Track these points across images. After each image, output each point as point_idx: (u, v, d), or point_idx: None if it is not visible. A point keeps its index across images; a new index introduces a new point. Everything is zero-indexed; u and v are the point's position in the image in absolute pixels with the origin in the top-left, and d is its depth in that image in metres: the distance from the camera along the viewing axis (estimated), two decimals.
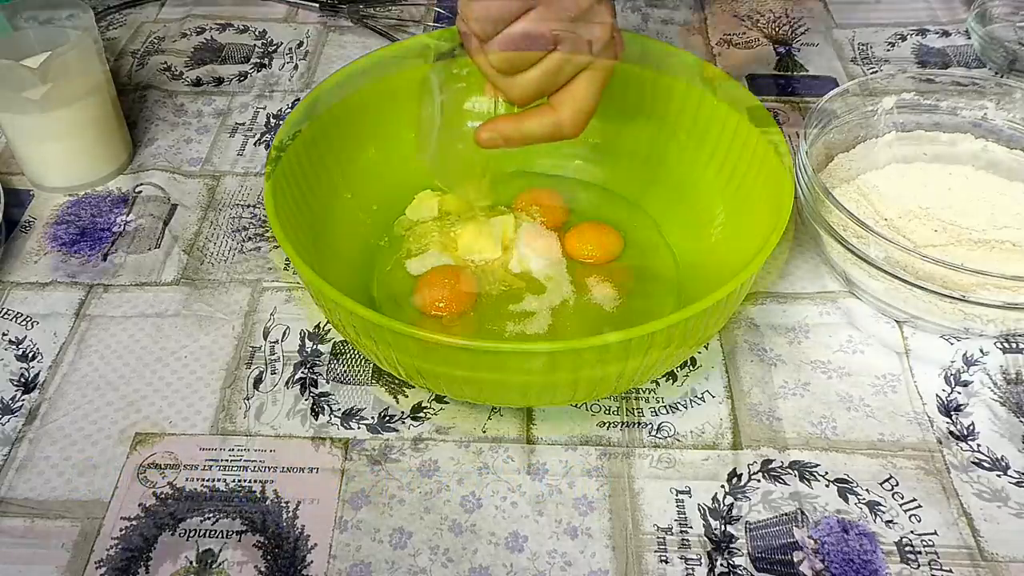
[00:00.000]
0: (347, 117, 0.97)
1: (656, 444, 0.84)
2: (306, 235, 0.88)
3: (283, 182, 0.87)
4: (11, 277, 1.00)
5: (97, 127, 1.07)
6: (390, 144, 1.02)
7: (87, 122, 1.06)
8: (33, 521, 0.79)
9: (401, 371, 0.80)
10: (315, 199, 0.93)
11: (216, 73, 1.29)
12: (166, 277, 0.99)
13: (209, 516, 0.79)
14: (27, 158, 1.08)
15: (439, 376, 0.79)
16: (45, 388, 0.89)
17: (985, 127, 1.03)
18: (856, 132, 1.03)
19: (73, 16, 1.05)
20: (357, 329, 0.77)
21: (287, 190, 0.87)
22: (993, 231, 0.92)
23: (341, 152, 0.98)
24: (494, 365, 0.76)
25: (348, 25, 1.37)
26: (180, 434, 0.85)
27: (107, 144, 1.10)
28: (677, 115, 0.99)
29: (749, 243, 0.83)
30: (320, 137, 0.94)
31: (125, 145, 1.13)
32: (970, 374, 0.89)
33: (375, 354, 0.80)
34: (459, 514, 0.79)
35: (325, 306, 0.81)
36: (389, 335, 0.74)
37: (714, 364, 0.90)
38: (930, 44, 1.31)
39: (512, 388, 0.80)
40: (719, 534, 0.77)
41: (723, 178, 0.96)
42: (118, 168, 1.12)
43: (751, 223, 0.88)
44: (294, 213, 0.87)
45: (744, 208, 0.92)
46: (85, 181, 1.10)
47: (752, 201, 0.90)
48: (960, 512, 0.79)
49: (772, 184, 0.86)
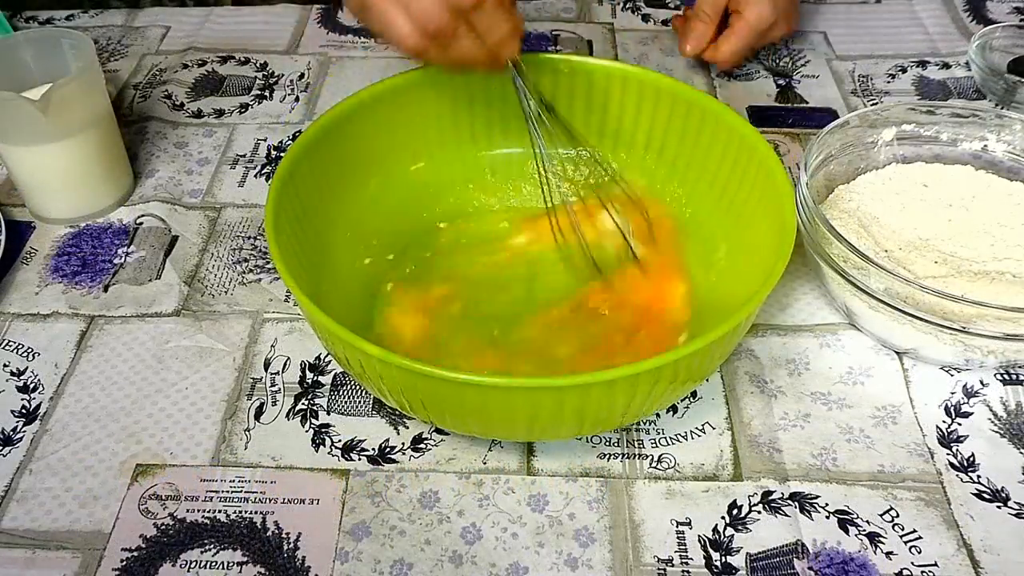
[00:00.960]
0: (349, 148, 0.97)
1: (657, 476, 0.84)
2: (307, 268, 0.88)
3: (284, 214, 0.86)
4: (12, 308, 1.00)
5: (99, 159, 1.07)
6: (393, 177, 1.02)
7: (89, 154, 1.06)
8: (34, 552, 0.79)
9: (404, 403, 0.80)
10: (315, 231, 0.93)
11: (217, 105, 1.29)
12: (167, 308, 1.00)
13: (210, 547, 0.79)
14: (28, 190, 1.09)
15: (437, 407, 0.79)
16: (46, 419, 0.89)
17: (985, 159, 1.03)
18: (856, 164, 1.03)
19: (74, 47, 1.05)
20: (349, 359, 0.78)
21: (288, 222, 0.87)
22: (993, 263, 0.92)
23: (342, 184, 0.97)
24: (498, 401, 0.75)
25: (350, 56, 1.38)
26: (181, 465, 0.85)
27: (109, 176, 1.10)
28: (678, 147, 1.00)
29: (753, 275, 0.83)
30: (320, 169, 0.94)
31: (127, 176, 1.14)
32: (970, 405, 0.89)
33: (377, 387, 0.80)
34: (460, 545, 0.79)
35: (325, 339, 0.81)
36: (383, 366, 0.74)
37: (715, 396, 0.90)
38: (930, 76, 1.31)
39: (517, 421, 0.79)
40: (720, 565, 0.77)
41: (722, 209, 0.96)
42: (120, 199, 1.12)
43: (754, 255, 0.88)
44: (294, 244, 0.87)
45: (746, 240, 0.92)
46: (87, 213, 1.10)
47: (754, 233, 0.90)
48: (960, 544, 0.78)
49: (774, 216, 0.86)
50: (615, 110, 1.02)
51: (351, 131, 0.97)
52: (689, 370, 0.77)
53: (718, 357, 0.82)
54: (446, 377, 0.72)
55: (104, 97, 1.07)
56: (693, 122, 0.97)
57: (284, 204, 0.87)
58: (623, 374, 0.71)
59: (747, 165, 0.92)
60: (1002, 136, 1.03)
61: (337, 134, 0.95)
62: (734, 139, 0.93)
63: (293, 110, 1.28)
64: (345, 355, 0.79)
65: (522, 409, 0.76)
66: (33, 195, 1.09)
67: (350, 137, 0.97)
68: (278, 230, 0.83)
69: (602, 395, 0.74)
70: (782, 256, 0.80)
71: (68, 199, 1.09)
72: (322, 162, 0.94)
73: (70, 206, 1.09)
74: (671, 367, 0.73)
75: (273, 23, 1.46)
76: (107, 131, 1.08)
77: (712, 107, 0.96)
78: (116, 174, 1.11)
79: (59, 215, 1.10)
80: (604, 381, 0.72)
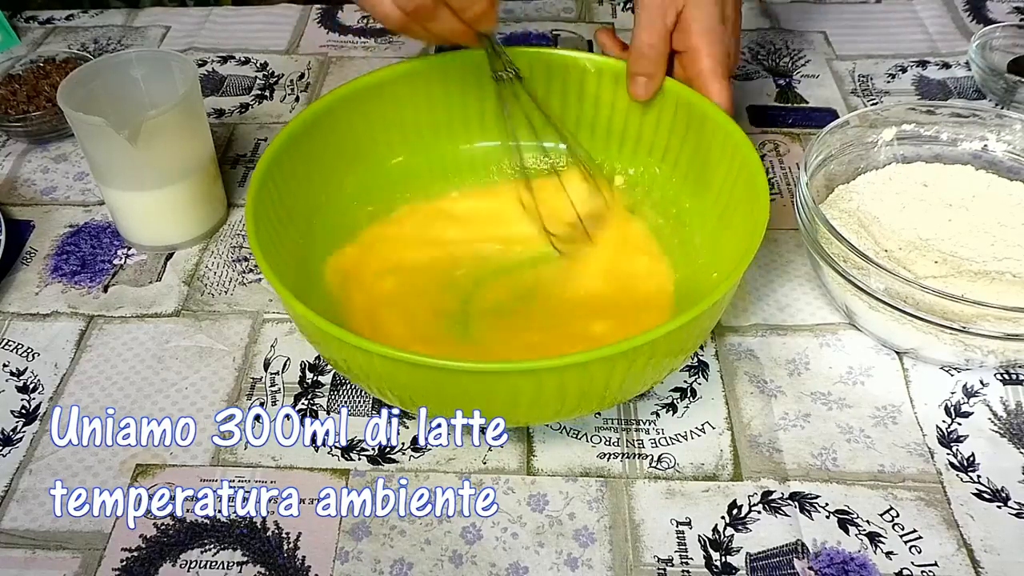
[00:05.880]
0: (329, 143, 0.98)
1: (657, 475, 0.84)
2: (290, 264, 0.88)
3: (264, 210, 0.87)
4: (12, 308, 1.00)
5: (197, 187, 1.05)
6: (372, 170, 1.03)
7: (186, 185, 1.03)
8: (34, 552, 0.79)
9: (385, 393, 0.80)
10: (295, 226, 0.93)
11: (217, 105, 1.29)
12: (167, 309, 1.00)
13: (210, 547, 0.79)
14: (122, 217, 1.06)
15: (424, 393, 0.79)
16: (46, 419, 0.89)
17: (985, 158, 1.03)
18: (856, 163, 1.03)
19: (182, 71, 1.02)
20: (332, 351, 0.79)
21: (268, 218, 0.88)
22: (993, 262, 0.92)
23: (322, 178, 0.98)
24: (481, 384, 0.76)
25: (350, 56, 1.38)
26: (181, 465, 0.85)
27: (206, 203, 1.08)
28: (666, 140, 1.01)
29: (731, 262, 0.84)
30: (301, 164, 0.94)
31: (222, 202, 1.11)
32: (970, 405, 0.89)
33: (366, 384, 0.80)
34: (460, 545, 0.79)
35: (307, 332, 0.82)
36: (364, 356, 0.74)
37: (715, 396, 0.90)
38: (930, 76, 1.31)
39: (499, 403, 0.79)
40: (720, 565, 0.77)
41: (705, 200, 0.97)
42: (216, 225, 1.10)
43: (731, 244, 0.89)
44: (275, 240, 0.88)
45: (726, 229, 0.93)
46: (183, 240, 1.08)
47: (732, 222, 0.91)
48: (960, 544, 0.78)
49: (750, 201, 0.87)
50: (588, 100, 1.04)
51: (331, 126, 0.97)
52: (669, 346, 0.77)
53: (696, 336, 0.83)
54: (419, 363, 0.72)
55: (203, 127, 1.05)
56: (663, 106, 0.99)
57: (264, 200, 0.87)
58: (606, 354, 0.72)
59: (732, 154, 0.92)
60: (1002, 136, 1.03)
61: (317, 129, 0.96)
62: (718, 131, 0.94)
63: (293, 110, 1.28)
64: (330, 352, 0.79)
65: (503, 392, 0.76)
66: (126, 222, 1.07)
67: (330, 132, 0.98)
68: (258, 227, 0.83)
69: (580, 374, 0.74)
70: (756, 234, 0.80)
71: (163, 227, 1.06)
72: (302, 157, 0.94)
73: (165, 234, 1.07)
74: (648, 347, 0.73)
75: (273, 23, 1.46)
76: (204, 160, 1.06)
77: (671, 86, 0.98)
78: (213, 200, 1.09)
79: (152, 243, 1.08)
80: (579, 363, 0.72)
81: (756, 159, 0.87)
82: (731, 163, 0.91)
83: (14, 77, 1.24)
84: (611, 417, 0.88)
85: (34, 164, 1.19)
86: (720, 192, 0.94)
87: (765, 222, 0.81)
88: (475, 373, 0.73)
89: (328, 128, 0.97)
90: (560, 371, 0.72)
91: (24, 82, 1.22)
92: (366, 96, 0.99)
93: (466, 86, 1.02)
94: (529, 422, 0.87)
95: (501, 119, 1.02)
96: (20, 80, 1.23)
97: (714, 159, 0.95)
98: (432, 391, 0.78)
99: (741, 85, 1.30)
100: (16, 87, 1.21)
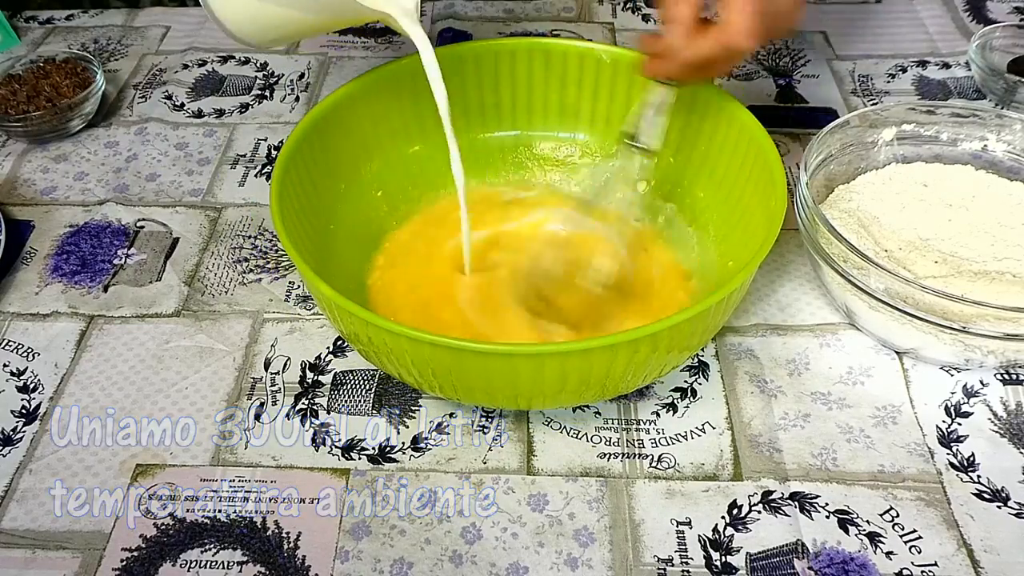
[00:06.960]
0: (348, 133, 0.99)
1: (657, 475, 0.84)
2: (311, 249, 0.88)
3: (288, 197, 0.88)
4: (12, 308, 1.00)
5: None
6: (391, 159, 1.04)
7: None
8: (34, 552, 0.79)
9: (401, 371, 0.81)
10: (316, 214, 0.94)
11: (217, 105, 1.29)
12: (167, 309, 1.00)
13: (210, 547, 0.79)
14: None
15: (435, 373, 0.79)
16: (46, 419, 0.89)
17: (985, 159, 1.03)
18: (856, 163, 1.03)
19: None
20: (359, 336, 0.79)
21: (292, 205, 0.88)
22: (993, 262, 0.92)
23: (343, 166, 0.99)
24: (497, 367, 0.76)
25: (350, 56, 1.38)
26: (181, 465, 0.85)
27: None
28: None
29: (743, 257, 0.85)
30: (320, 154, 0.95)
31: None
32: (970, 405, 0.89)
33: (388, 361, 0.81)
34: (460, 545, 0.79)
35: (331, 312, 0.82)
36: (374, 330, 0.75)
37: (715, 395, 0.90)
38: (930, 76, 1.31)
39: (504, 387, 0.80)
40: (720, 565, 0.77)
41: (720, 192, 0.98)
42: None
43: (745, 238, 0.89)
44: (299, 225, 0.88)
45: (739, 222, 0.93)
46: None
47: (748, 215, 0.91)
48: (960, 544, 0.78)
49: (765, 194, 0.87)
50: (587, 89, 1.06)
51: (348, 117, 0.98)
52: (671, 341, 0.78)
53: (705, 330, 0.83)
54: (438, 342, 0.73)
55: None
56: None
57: (288, 187, 0.88)
58: (628, 338, 0.73)
59: (744, 150, 0.93)
60: (1002, 136, 1.03)
61: (335, 120, 0.97)
62: (733, 124, 0.95)
63: (293, 110, 1.28)
64: (355, 331, 0.80)
65: (524, 374, 0.77)
66: None
67: (348, 122, 0.98)
68: (283, 213, 0.84)
69: (603, 359, 0.75)
70: (771, 233, 0.81)
71: None
72: (323, 147, 0.95)
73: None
74: (667, 333, 0.74)
75: None
76: None
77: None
78: None
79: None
80: (605, 346, 0.73)
81: (772, 148, 0.88)
82: (746, 153, 0.92)
83: (14, 77, 1.23)
84: (611, 417, 0.88)
85: (34, 164, 1.19)
86: (735, 183, 0.94)
87: (783, 212, 0.82)
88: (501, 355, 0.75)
89: (346, 119, 0.98)
90: (588, 353, 0.74)
91: (24, 82, 1.22)
92: (382, 87, 1.00)
93: (482, 76, 1.05)
94: (533, 405, 0.87)
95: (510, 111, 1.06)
96: (20, 80, 1.23)
97: (728, 149, 0.95)
98: (455, 371, 0.78)
99: (741, 85, 1.30)
100: (16, 87, 1.21)
